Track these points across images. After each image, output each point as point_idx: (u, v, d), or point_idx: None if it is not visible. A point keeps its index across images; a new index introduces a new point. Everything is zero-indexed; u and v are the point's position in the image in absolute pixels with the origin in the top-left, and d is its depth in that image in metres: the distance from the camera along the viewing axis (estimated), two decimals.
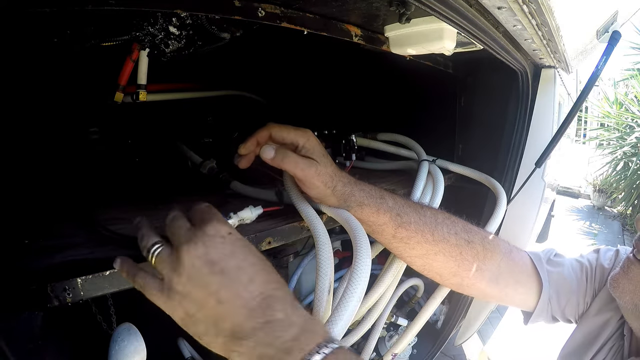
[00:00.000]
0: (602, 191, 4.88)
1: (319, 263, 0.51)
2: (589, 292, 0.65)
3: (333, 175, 0.58)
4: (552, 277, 0.66)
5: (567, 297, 0.66)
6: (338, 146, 0.92)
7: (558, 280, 0.66)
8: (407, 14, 0.63)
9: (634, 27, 4.49)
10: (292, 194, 0.66)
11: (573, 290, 0.65)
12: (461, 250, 0.61)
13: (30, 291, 0.40)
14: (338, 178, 0.58)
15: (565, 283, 0.66)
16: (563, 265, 0.67)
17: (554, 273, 0.66)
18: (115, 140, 1.05)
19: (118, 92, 0.73)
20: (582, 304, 0.66)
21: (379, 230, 0.61)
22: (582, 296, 0.65)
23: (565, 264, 0.68)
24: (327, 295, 0.50)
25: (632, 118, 4.33)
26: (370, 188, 0.62)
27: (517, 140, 1.00)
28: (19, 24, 0.58)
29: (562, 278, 0.66)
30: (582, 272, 0.66)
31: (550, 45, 0.81)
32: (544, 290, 0.65)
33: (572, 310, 0.67)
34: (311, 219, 0.59)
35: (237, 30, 0.67)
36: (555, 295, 0.66)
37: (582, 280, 0.66)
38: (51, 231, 0.57)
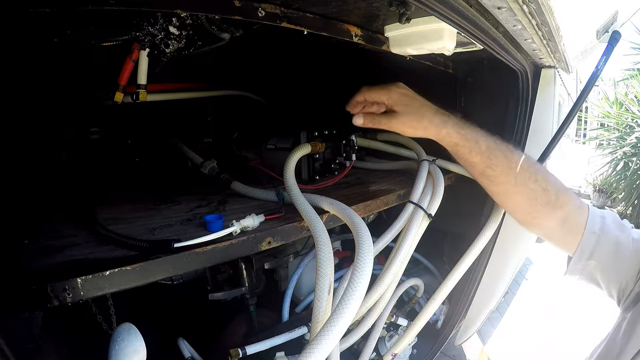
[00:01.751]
0: (602, 191, 4.87)
1: (319, 263, 0.52)
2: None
3: (421, 119, 0.68)
4: (604, 238, 0.65)
5: (616, 265, 0.63)
6: (338, 146, 0.92)
7: (609, 244, 0.64)
8: (407, 14, 0.63)
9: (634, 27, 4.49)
10: (292, 194, 0.66)
11: (624, 260, 0.63)
12: (536, 195, 0.69)
13: (30, 291, 0.40)
14: (429, 120, 0.69)
15: (619, 250, 0.63)
16: (625, 232, 0.65)
17: (610, 235, 0.64)
18: (116, 140, 1.05)
19: (118, 92, 0.73)
20: (627, 284, 0.63)
21: (470, 166, 0.74)
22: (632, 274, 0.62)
23: (628, 233, 0.65)
24: (327, 295, 0.50)
25: (632, 118, 4.33)
26: (466, 130, 0.71)
27: (517, 140, 1.00)
28: (19, 24, 0.58)
29: (616, 243, 0.64)
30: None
31: (550, 45, 0.81)
32: (583, 241, 0.66)
33: (616, 283, 0.64)
34: (311, 218, 0.59)
35: (237, 30, 0.67)
36: (599, 256, 0.65)
37: (635, 259, 0.62)
38: (51, 231, 0.57)
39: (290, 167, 0.73)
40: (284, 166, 0.73)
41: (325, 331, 0.42)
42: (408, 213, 0.83)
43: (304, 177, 0.87)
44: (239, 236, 0.56)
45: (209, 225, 0.57)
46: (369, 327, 0.91)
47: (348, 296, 0.45)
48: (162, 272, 0.49)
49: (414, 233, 0.81)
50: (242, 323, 1.03)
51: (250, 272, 0.95)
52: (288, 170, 0.72)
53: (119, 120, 1.01)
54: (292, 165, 0.74)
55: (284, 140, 0.97)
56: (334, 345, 0.42)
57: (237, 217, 0.57)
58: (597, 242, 0.66)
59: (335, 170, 0.90)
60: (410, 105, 0.69)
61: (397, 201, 0.86)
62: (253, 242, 0.58)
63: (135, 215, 0.67)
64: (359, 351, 0.99)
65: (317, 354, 0.41)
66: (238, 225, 0.55)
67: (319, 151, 0.85)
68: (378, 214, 1.26)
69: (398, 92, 0.71)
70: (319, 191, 0.82)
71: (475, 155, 0.70)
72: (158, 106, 0.90)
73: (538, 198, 0.69)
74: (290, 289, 1.14)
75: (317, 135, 0.86)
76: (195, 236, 0.52)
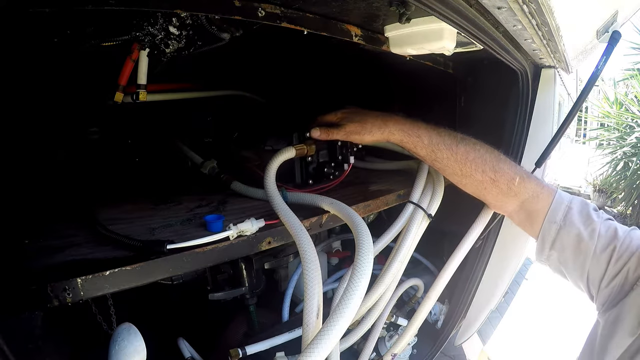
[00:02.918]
0: (602, 191, 4.87)
1: (306, 276, 0.51)
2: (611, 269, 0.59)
3: (364, 124, 0.76)
4: (565, 230, 0.64)
5: (578, 259, 0.62)
6: (333, 148, 0.89)
7: (570, 236, 0.63)
8: (407, 14, 0.63)
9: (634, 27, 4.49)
10: (274, 203, 0.64)
11: (588, 256, 0.61)
12: (485, 186, 0.73)
13: (30, 291, 0.40)
14: (371, 124, 0.75)
15: (580, 244, 0.62)
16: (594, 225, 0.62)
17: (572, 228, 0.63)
18: (116, 140, 1.05)
19: (118, 92, 0.73)
20: (594, 281, 0.61)
21: (420, 160, 0.80)
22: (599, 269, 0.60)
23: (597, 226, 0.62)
24: (315, 319, 0.49)
25: (632, 118, 4.32)
26: (408, 126, 0.76)
27: (517, 140, 1.00)
28: (19, 24, 0.58)
29: (577, 236, 0.62)
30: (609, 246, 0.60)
31: (550, 45, 0.81)
32: (543, 230, 0.68)
33: (579, 276, 0.63)
34: (296, 228, 0.57)
35: (237, 30, 0.67)
36: (560, 247, 0.65)
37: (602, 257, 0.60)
38: (51, 231, 0.57)
39: (270, 172, 0.68)
40: (265, 171, 0.69)
41: (325, 331, 0.42)
42: (408, 213, 0.83)
43: (297, 181, 0.84)
44: (238, 236, 0.56)
45: (209, 225, 0.57)
46: (368, 327, 0.90)
47: (348, 296, 0.45)
48: (161, 272, 0.49)
49: (413, 233, 0.81)
50: (242, 323, 1.03)
51: (250, 272, 0.95)
52: (268, 175, 0.68)
53: (119, 120, 1.01)
54: (272, 170, 0.69)
55: (282, 141, 0.97)
56: (333, 345, 0.42)
57: (237, 217, 0.57)
58: (558, 232, 0.65)
59: (330, 174, 0.86)
60: (353, 116, 0.78)
61: (397, 201, 0.86)
62: (253, 242, 0.58)
63: (135, 215, 0.67)
64: (359, 351, 0.99)
65: (317, 353, 0.41)
66: (235, 229, 0.55)
67: (308, 154, 0.80)
68: (378, 214, 1.25)
69: (343, 111, 0.81)
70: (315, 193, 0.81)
71: (420, 149, 0.75)
72: (158, 106, 0.90)
73: (487, 188, 0.73)
74: (290, 289, 1.14)
75: (309, 136, 0.81)
76: (195, 236, 0.52)
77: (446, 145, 0.73)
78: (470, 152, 0.73)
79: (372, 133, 0.75)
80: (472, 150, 0.73)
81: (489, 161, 0.72)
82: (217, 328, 1.03)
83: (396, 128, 0.75)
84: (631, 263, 0.58)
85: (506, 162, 0.73)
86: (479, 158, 0.72)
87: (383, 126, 0.75)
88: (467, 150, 0.73)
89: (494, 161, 0.73)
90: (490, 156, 0.73)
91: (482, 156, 0.73)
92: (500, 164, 0.73)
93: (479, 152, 0.73)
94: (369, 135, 0.75)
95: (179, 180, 0.97)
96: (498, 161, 0.73)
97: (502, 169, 0.72)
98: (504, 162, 0.73)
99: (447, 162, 0.73)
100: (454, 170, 0.74)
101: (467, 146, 0.73)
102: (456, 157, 0.72)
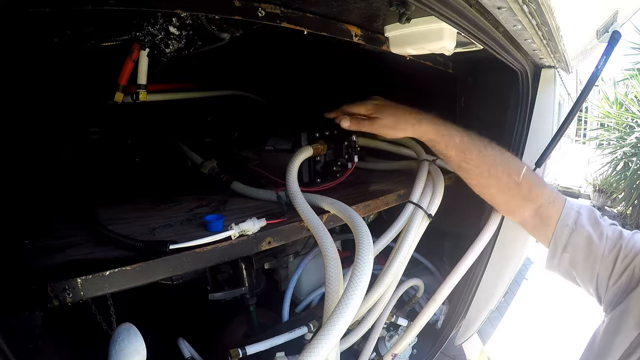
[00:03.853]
0: (602, 191, 4.87)
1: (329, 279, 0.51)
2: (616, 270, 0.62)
3: (397, 120, 0.74)
4: (577, 233, 0.67)
5: (589, 260, 0.65)
6: (340, 147, 0.91)
7: (582, 238, 0.66)
8: (407, 13, 0.63)
9: (634, 27, 4.49)
10: (297, 202, 0.65)
11: (597, 257, 0.64)
12: (509, 188, 0.75)
13: (30, 291, 0.40)
14: (404, 120, 0.74)
15: (591, 246, 0.65)
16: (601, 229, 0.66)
17: (583, 230, 0.67)
18: (116, 140, 1.05)
19: (118, 92, 0.73)
20: (602, 282, 0.64)
21: (447, 160, 0.79)
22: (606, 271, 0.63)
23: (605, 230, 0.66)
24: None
25: (632, 118, 4.32)
26: (441, 126, 0.75)
27: (517, 140, 1.00)
28: (19, 24, 0.58)
29: (588, 238, 0.65)
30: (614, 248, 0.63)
31: (550, 45, 0.81)
32: (556, 233, 0.70)
33: (589, 279, 0.65)
34: (318, 229, 0.59)
35: (237, 30, 0.67)
36: (572, 249, 0.67)
37: (609, 257, 0.63)
38: (51, 231, 0.57)
39: (293, 173, 0.70)
40: (287, 172, 0.70)
41: (325, 331, 0.42)
42: (408, 213, 0.83)
43: (305, 180, 0.86)
44: (240, 236, 0.56)
45: (209, 225, 0.57)
46: (369, 327, 0.90)
47: (348, 296, 0.45)
48: (162, 272, 0.49)
49: (414, 233, 0.81)
50: (242, 323, 1.03)
51: (250, 272, 0.95)
52: (291, 176, 0.69)
53: (119, 120, 1.01)
54: (294, 170, 0.71)
55: (283, 141, 0.96)
56: (334, 345, 0.43)
57: (238, 217, 0.57)
58: (570, 235, 0.68)
59: (337, 172, 0.88)
60: (386, 110, 0.76)
61: (397, 201, 0.86)
62: (253, 242, 0.58)
63: (135, 215, 0.67)
64: (359, 351, 0.99)
65: (317, 353, 0.41)
66: (237, 229, 0.55)
67: (321, 153, 0.83)
68: (378, 214, 1.25)
69: (372, 102, 0.79)
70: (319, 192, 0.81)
71: (451, 149, 0.75)
72: (158, 106, 0.90)
73: (511, 190, 0.75)
74: (290, 289, 1.14)
75: (319, 136, 0.85)
76: (195, 236, 0.52)
77: (476, 146, 0.75)
78: (498, 155, 0.76)
79: (405, 130, 0.75)
80: (500, 153, 0.76)
81: (514, 166, 0.76)
82: (217, 328, 1.03)
83: (430, 127, 0.75)
84: (637, 261, 0.61)
85: (527, 169, 0.77)
86: (505, 161, 0.76)
87: (417, 124, 0.75)
88: (495, 153, 0.76)
89: (519, 166, 0.76)
90: (515, 162, 0.77)
91: (508, 160, 0.76)
92: (524, 169, 0.76)
93: (505, 156, 0.77)
94: (401, 131, 0.75)
95: (179, 180, 0.97)
96: (522, 167, 0.76)
97: (525, 174, 0.75)
98: (526, 168, 0.76)
99: (476, 162, 0.75)
100: (482, 171, 0.75)
101: (495, 150, 0.76)
102: (485, 159, 0.74)
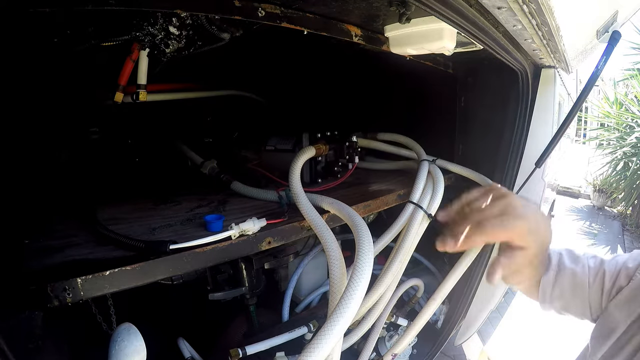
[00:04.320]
0: (602, 191, 4.87)
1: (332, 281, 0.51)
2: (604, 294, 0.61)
3: (525, 230, 0.55)
4: (561, 274, 0.65)
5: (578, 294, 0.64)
6: (341, 148, 0.91)
7: (567, 277, 0.65)
8: (407, 14, 0.63)
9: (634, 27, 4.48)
10: (300, 202, 0.65)
11: (585, 288, 0.63)
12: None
13: (30, 291, 0.40)
14: (530, 232, 0.55)
15: (576, 280, 0.64)
16: (578, 264, 0.65)
17: (566, 269, 0.65)
18: (116, 140, 1.04)
19: (118, 92, 0.73)
20: (596, 307, 0.63)
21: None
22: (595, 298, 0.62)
23: (581, 263, 0.65)
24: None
25: (632, 118, 4.32)
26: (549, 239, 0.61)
27: (517, 140, 1.00)
28: (19, 24, 0.58)
29: (572, 274, 0.64)
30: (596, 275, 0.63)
31: (550, 45, 0.81)
32: (540, 285, 0.65)
33: (582, 310, 0.65)
34: (321, 229, 0.59)
35: (237, 30, 0.67)
36: (560, 290, 0.65)
37: (596, 283, 0.62)
38: (51, 231, 0.57)
39: (296, 172, 0.71)
40: (290, 171, 0.71)
41: (325, 331, 0.42)
42: (408, 213, 0.83)
43: (306, 180, 0.86)
44: (240, 236, 0.56)
45: (209, 225, 0.57)
46: (369, 327, 0.90)
47: (348, 296, 0.45)
48: (162, 272, 0.49)
49: (414, 233, 0.81)
50: (242, 323, 1.03)
51: (250, 272, 0.95)
52: (294, 175, 0.70)
53: (119, 120, 1.01)
54: (297, 170, 0.71)
55: (283, 141, 0.97)
56: (334, 345, 0.42)
57: (238, 217, 0.57)
58: (556, 277, 0.67)
59: (338, 172, 0.89)
60: (537, 237, 0.57)
61: (397, 201, 0.86)
62: (253, 242, 0.58)
63: (135, 215, 0.67)
64: (359, 351, 0.99)
65: (317, 353, 0.41)
66: (237, 229, 0.55)
67: (323, 154, 0.84)
68: (378, 214, 1.26)
69: (499, 199, 0.56)
70: (319, 192, 0.81)
71: (541, 268, 0.63)
72: (158, 106, 0.90)
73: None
74: (290, 289, 1.14)
75: (320, 137, 0.85)
76: (195, 236, 0.52)
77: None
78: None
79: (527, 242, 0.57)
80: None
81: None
82: (217, 328, 1.03)
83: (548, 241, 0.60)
84: (621, 278, 0.61)
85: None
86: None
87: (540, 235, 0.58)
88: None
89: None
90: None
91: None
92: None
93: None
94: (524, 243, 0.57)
95: (179, 180, 0.97)
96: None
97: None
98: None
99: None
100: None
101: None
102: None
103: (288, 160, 0.74)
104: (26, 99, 0.81)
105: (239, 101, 1.26)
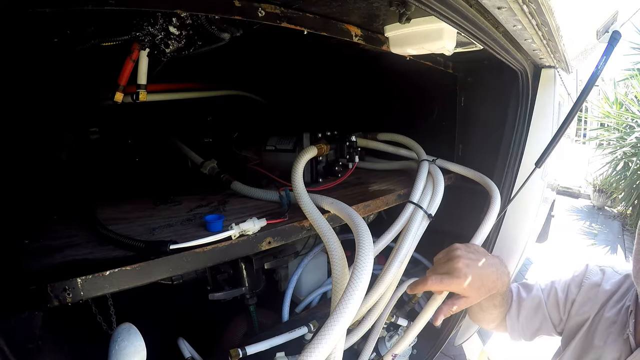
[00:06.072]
0: (602, 191, 4.87)
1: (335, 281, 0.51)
2: (563, 310, 0.73)
3: (471, 287, 0.66)
4: (521, 304, 0.78)
5: (539, 316, 0.76)
6: (341, 148, 0.91)
7: (525, 304, 0.78)
8: (407, 14, 0.63)
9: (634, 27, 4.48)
10: (303, 202, 0.65)
11: (542, 307, 0.75)
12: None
13: (30, 291, 0.40)
14: (480, 288, 0.67)
15: (533, 305, 0.76)
16: (532, 292, 0.78)
17: (524, 302, 0.77)
18: (116, 140, 1.05)
19: (118, 92, 0.73)
20: (556, 319, 0.74)
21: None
22: (555, 316, 0.74)
23: (534, 291, 0.77)
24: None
25: (632, 118, 4.32)
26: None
27: (517, 140, 1.00)
28: (19, 24, 0.58)
29: (531, 301, 0.76)
30: (552, 296, 0.75)
31: (550, 45, 0.81)
32: (506, 319, 0.79)
33: (546, 327, 0.76)
34: (323, 229, 0.59)
35: (237, 30, 0.67)
36: (523, 320, 0.77)
37: (550, 299, 0.75)
38: (51, 231, 0.57)
39: (299, 172, 0.71)
40: (292, 171, 0.71)
41: (325, 331, 0.42)
42: (408, 213, 0.83)
43: (307, 180, 0.86)
44: (240, 236, 0.56)
45: (209, 225, 0.57)
46: (369, 327, 0.90)
47: (348, 296, 0.45)
48: (162, 272, 0.49)
49: (414, 233, 0.81)
50: (242, 323, 1.03)
51: (250, 272, 0.95)
52: (296, 175, 0.70)
53: (119, 120, 1.01)
54: (300, 170, 0.71)
55: (284, 141, 0.96)
56: (334, 344, 0.42)
57: (238, 217, 0.57)
58: (518, 309, 0.78)
59: (338, 172, 0.89)
60: (480, 289, 0.67)
61: (397, 201, 0.86)
62: (253, 242, 0.58)
63: (135, 215, 0.67)
64: (359, 351, 0.99)
65: (317, 353, 0.41)
66: (237, 229, 0.55)
67: (324, 153, 0.84)
68: (378, 214, 1.25)
69: (463, 282, 0.65)
70: (320, 191, 0.81)
71: (505, 307, 0.79)
72: (158, 106, 0.90)
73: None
74: (290, 289, 1.14)
75: (321, 137, 0.85)
76: (195, 236, 0.52)
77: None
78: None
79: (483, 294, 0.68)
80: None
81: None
82: (217, 328, 1.03)
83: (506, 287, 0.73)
84: (571, 290, 0.72)
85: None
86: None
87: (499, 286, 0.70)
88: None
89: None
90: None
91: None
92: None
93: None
94: (465, 294, 0.67)
95: (179, 180, 0.97)
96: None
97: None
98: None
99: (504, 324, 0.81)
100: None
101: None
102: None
103: (288, 160, 0.74)
104: (26, 99, 0.81)
105: (239, 101, 1.26)
